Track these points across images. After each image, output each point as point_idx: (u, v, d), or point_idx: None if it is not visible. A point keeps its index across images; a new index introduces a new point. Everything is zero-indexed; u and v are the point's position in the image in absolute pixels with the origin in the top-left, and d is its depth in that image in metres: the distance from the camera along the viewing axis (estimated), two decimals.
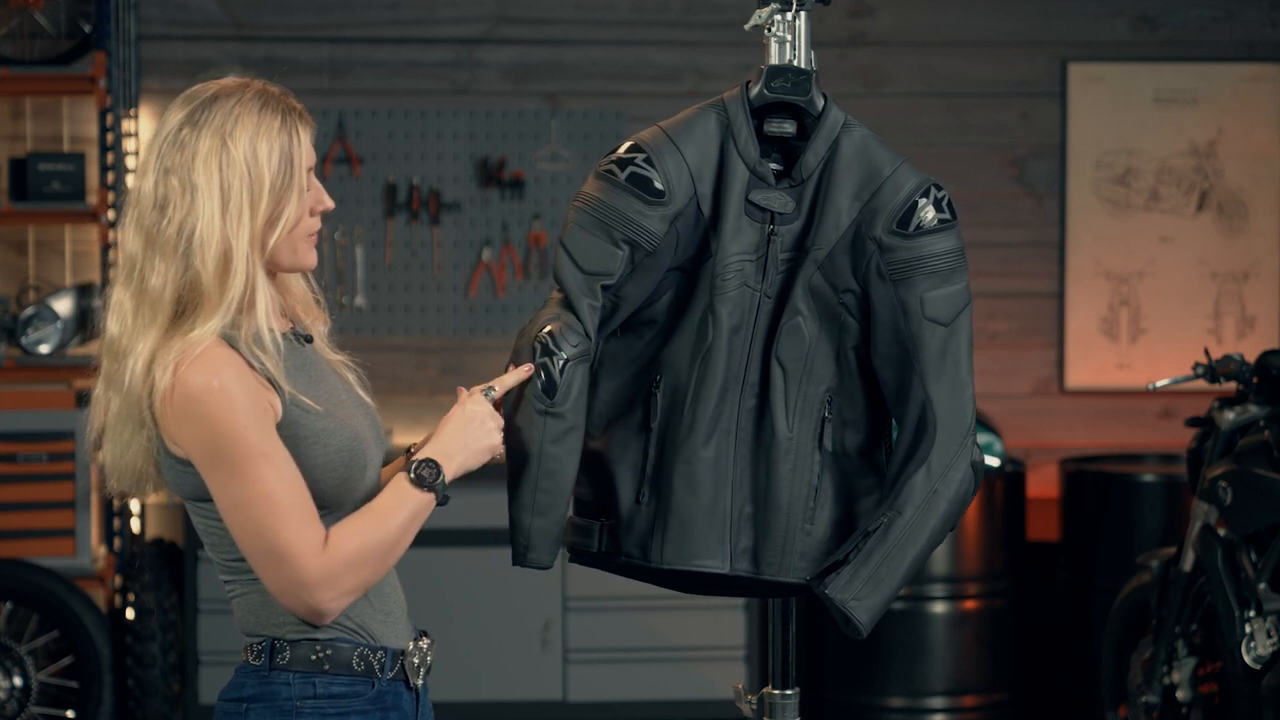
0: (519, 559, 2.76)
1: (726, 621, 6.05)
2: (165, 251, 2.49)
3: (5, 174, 6.13)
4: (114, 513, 5.94)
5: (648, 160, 2.77)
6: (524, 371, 2.73)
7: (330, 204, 2.60)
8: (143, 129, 6.37)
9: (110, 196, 5.91)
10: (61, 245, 6.33)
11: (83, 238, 6.30)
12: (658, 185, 2.76)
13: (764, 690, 2.98)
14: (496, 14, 6.48)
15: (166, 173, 2.49)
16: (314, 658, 2.54)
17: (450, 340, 6.47)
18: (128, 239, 2.53)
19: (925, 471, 2.72)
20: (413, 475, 2.54)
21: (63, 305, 5.92)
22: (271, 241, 2.52)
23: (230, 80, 2.56)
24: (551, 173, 6.47)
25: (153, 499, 6.30)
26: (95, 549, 5.94)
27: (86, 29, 6.05)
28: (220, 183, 2.48)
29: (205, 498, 2.52)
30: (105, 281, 5.93)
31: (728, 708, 5.26)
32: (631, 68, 6.51)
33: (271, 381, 2.50)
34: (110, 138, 5.96)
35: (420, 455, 2.57)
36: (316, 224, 2.59)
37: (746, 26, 2.89)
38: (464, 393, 2.70)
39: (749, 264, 2.79)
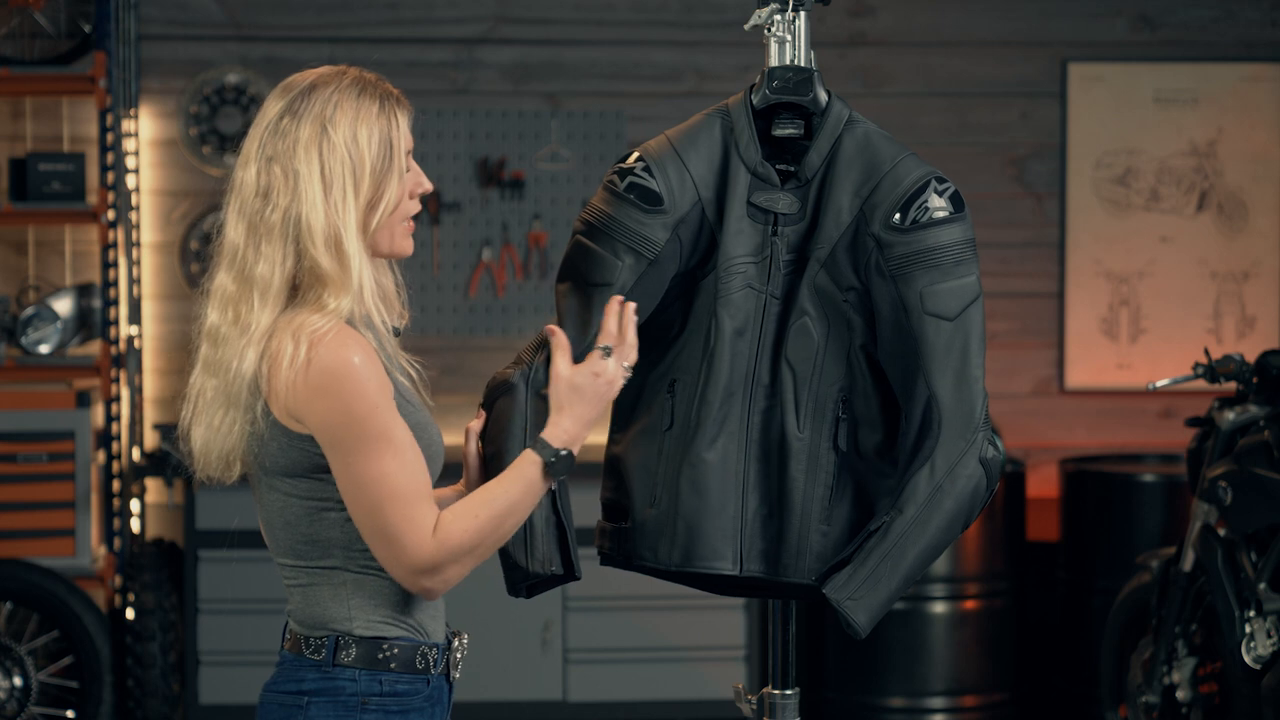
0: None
1: (726, 621, 6.04)
2: (271, 238, 2.53)
3: (5, 174, 6.13)
4: (114, 513, 5.94)
5: (647, 169, 2.78)
6: (629, 312, 2.67)
7: (429, 186, 2.65)
8: (143, 129, 6.37)
9: (110, 196, 5.91)
10: (61, 245, 6.33)
11: (83, 238, 6.30)
12: (657, 194, 2.76)
13: (764, 690, 2.98)
14: (496, 14, 6.48)
15: (269, 161, 2.53)
16: (380, 656, 2.56)
17: (450, 340, 6.46)
18: (229, 226, 2.57)
19: (929, 470, 2.69)
20: (551, 461, 2.57)
21: (63, 305, 5.92)
22: (373, 224, 2.57)
23: (327, 69, 2.61)
24: (551, 173, 6.47)
25: (153, 498, 6.30)
26: (95, 549, 5.94)
27: (86, 29, 6.05)
28: (322, 168, 2.52)
29: (301, 474, 2.53)
30: (105, 281, 5.93)
31: (728, 708, 5.26)
32: (631, 68, 6.51)
33: (386, 368, 2.55)
34: (110, 138, 5.96)
35: (559, 434, 2.59)
36: (415, 206, 2.64)
37: (746, 26, 2.89)
38: (567, 357, 2.65)
39: (752, 266, 2.78)
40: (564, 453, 2.57)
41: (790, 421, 2.77)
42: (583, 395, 2.61)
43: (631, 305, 2.67)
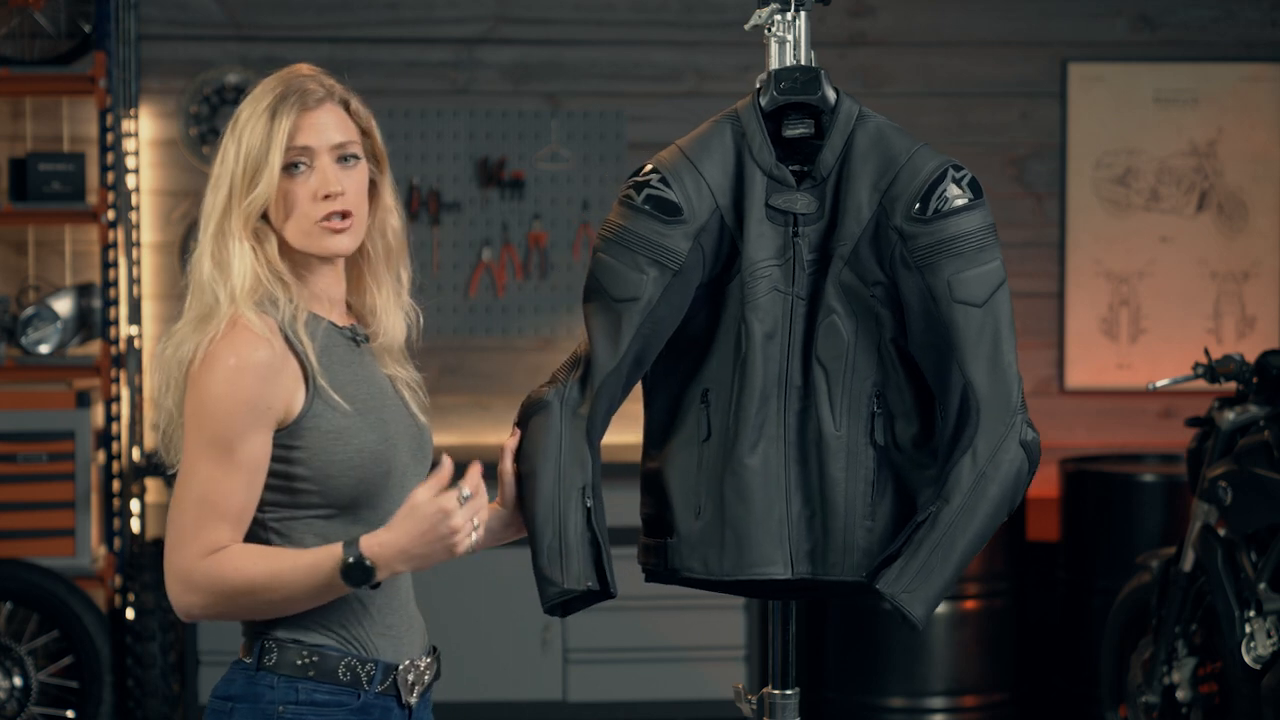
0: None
1: (726, 621, 6.04)
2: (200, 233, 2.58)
3: (5, 174, 6.13)
4: (114, 513, 5.94)
5: (663, 180, 2.76)
6: (488, 497, 2.60)
7: (331, 189, 2.56)
8: (143, 129, 6.37)
9: (110, 196, 5.91)
10: (61, 245, 6.33)
11: (83, 238, 6.30)
12: (676, 204, 2.75)
13: (764, 690, 2.98)
14: (496, 14, 6.48)
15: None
16: (300, 662, 2.53)
17: (450, 340, 6.46)
18: None
19: (971, 457, 2.69)
20: (349, 563, 2.44)
21: (63, 305, 5.92)
22: (246, 216, 2.54)
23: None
24: (551, 173, 6.48)
25: (153, 498, 6.30)
26: (95, 549, 5.94)
27: (86, 29, 6.05)
28: (217, 164, 2.56)
29: None
30: (105, 281, 5.93)
31: (728, 708, 5.26)
32: (631, 68, 6.51)
33: (305, 367, 2.52)
34: (110, 138, 5.96)
35: (374, 545, 2.45)
36: (322, 209, 2.56)
37: (746, 27, 2.89)
38: (440, 490, 2.49)
39: (776, 269, 2.77)
40: (367, 564, 2.43)
41: (827, 420, 2.77)
42: (418, 528, 2.44)
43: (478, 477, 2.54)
